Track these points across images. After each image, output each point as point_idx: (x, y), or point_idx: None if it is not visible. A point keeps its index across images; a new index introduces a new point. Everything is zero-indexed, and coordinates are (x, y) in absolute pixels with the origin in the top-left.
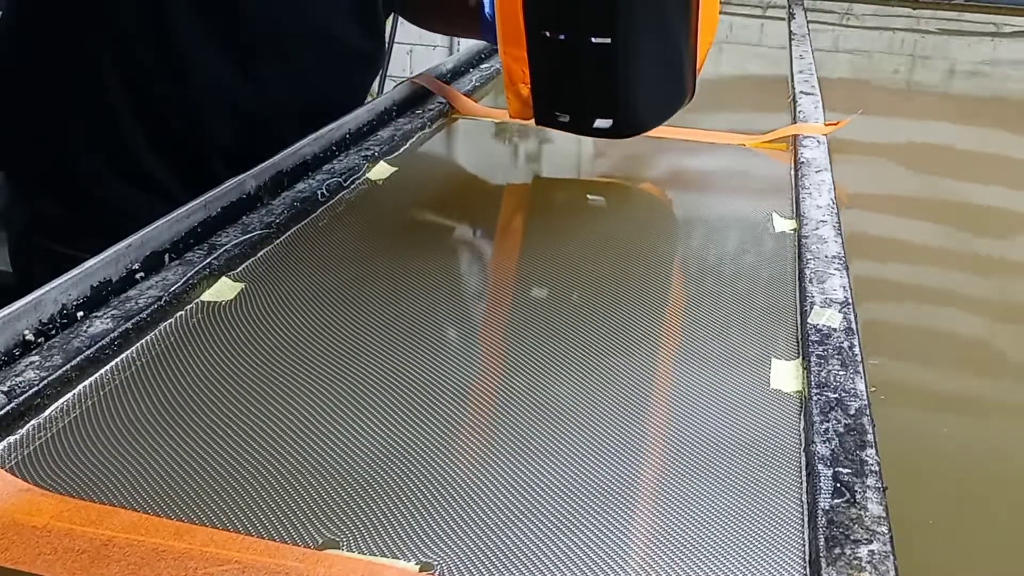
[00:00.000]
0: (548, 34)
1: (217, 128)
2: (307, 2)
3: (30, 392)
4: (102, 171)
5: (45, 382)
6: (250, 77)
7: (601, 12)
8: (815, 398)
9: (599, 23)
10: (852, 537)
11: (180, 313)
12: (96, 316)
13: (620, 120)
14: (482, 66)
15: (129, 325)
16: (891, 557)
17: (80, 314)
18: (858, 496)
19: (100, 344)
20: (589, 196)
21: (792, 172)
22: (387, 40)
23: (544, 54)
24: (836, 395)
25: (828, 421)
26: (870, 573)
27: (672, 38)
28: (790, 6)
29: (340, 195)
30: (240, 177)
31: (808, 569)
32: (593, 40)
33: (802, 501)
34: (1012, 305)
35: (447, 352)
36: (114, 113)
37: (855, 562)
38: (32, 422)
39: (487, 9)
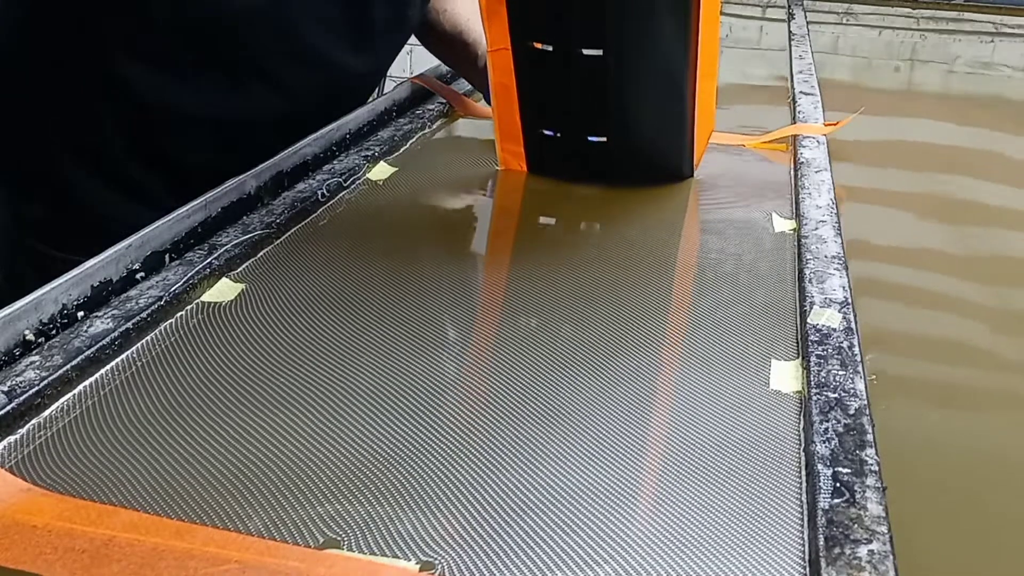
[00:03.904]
0: (546, 132)
1: (202, 141)
2: (296, 20)
3: (30, 392)
4: (87, 178)
5: (45, 382)
6: (237, 92)
7: (597, 114)
8: (815, 398)
9: (595, 124)
10: (852, 537)
11: (180, 313)
12: (96, 316)
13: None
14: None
15: (129, 325)
16: (891, 557)
17: (80, 314)
18: (858, 496)
19: (100, 344)
20: (589, 197)
21: (792, 172)
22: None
23: (541, 147)
24: (836, 395)
25: (828, 421)
26: (870, 573)
27: (669, 135)
28: (790, 6)
29: (340, 195)
30: (240, 177)
31: (808, 569)
32: (590, 139)
33: (802, 501)
34: (1010, 304)
35: (447, 352)
36: (98, 121)
37: (855, 562)
38: (32, 422)
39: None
